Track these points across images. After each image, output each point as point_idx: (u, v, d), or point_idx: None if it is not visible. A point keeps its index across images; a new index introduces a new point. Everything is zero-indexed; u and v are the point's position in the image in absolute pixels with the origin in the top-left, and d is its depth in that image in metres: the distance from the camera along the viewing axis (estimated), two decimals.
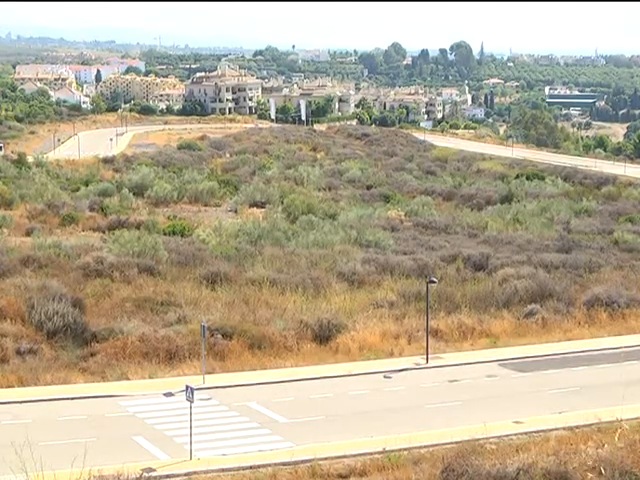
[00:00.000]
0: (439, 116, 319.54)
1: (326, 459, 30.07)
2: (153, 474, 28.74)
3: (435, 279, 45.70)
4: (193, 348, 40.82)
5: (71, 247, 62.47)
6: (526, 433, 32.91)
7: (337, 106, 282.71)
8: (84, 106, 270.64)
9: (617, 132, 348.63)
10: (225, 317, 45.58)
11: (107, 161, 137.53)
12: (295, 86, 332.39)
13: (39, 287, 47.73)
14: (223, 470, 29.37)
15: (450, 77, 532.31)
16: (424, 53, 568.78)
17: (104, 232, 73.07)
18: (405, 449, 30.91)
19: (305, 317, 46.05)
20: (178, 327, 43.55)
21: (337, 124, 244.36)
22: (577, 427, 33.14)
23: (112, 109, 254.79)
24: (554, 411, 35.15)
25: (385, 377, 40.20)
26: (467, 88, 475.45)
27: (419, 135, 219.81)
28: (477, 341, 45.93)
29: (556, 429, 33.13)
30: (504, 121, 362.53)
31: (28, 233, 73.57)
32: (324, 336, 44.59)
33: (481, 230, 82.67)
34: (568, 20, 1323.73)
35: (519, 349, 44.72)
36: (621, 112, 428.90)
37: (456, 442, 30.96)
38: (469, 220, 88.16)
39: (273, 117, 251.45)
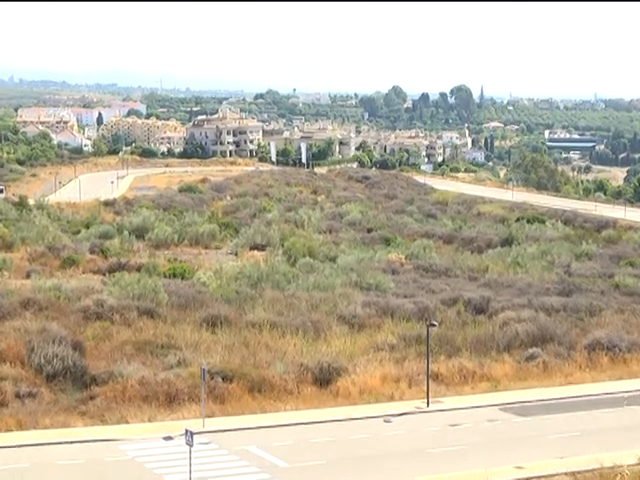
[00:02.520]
0: (439, 159, 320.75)
1: None
2: None
3: (435, 322, 45.65)
4: (193, 391, 40.69)
5: (71, 290, 62.44)
6: (528, 478, 32.71)
7: (338, 149, 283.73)
8: (85, 149, 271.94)
9: (617, 176, 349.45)
10: (225, 360, 45.47)
11: (108, 204, 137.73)
12: (296, 129, 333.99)
13: (39, 330, 47.62)
14: None
15: (450, 120, 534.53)
16: (424, 96, 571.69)
17: (104, 275, 72.93)
18: None
19: (305, 360, 45.95)
20: (178, 370, 43.44)
21: (338, 167, 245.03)
22: (579, 472, 32.93)
23: (113, 152, 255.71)
24: (556, 456, 34.93)
25: (386, 421, 40.01)
26: (467, 131, 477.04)
27: (419, 178, 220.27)
28: (478, 385, 45.76)
29: (557, 474, 32.93)
30: (504, 164, 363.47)
31: (29, 275, 73.51)
32: (324, 379, 44.46)
33: (482, 273, 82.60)
34: (567, 64, 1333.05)
35: (520, 393, 44.51)
36: (621, 156, 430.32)
37: None
38: (470, 263, 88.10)
39: (274, 160, 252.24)
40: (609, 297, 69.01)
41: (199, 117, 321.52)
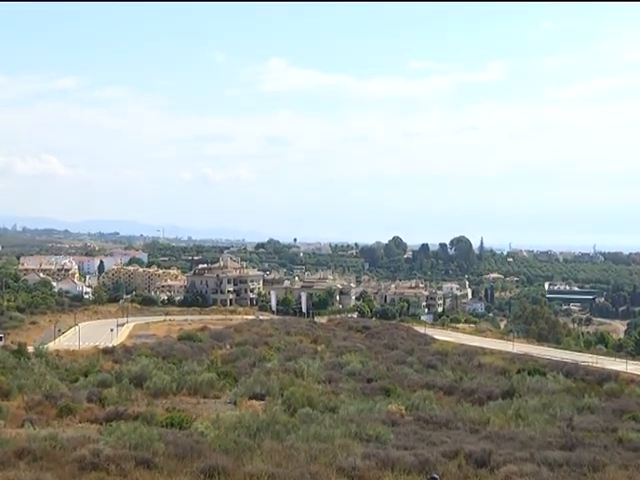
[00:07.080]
0: (440, 310, 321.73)
1: None
2: None
3: (436, 476, 44.83)
4: None
5: (67, 439, 61.48)
6: None
7: (338, 298, 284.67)
8: (86, 296, 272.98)
9: (617, 328, 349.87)
10: None
11: (107, 352, 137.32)
12: (296, 278, 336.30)
13: None
14: None
15: (450, 271, 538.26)
16: (424, 247, 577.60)
17: (102, 424, 72.09)
18: None
19: None
20: None
21: (338, 316, 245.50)
22: None
23: (114, 299, 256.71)
24: None
25: None
26: (467, 282, 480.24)
27: (420, 328, 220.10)
28: None
29: None
30: (505, 315, 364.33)
31: (24, 424, 72.67)
32: None
33: (483, 425, 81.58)
34: (566, 217, 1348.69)
35: None
36: (621, 309, 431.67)
37: None
38: (471, 415, 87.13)
39: (274, 309, 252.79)
40: (612, 452, 67.86)
41: (200, 266, 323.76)
